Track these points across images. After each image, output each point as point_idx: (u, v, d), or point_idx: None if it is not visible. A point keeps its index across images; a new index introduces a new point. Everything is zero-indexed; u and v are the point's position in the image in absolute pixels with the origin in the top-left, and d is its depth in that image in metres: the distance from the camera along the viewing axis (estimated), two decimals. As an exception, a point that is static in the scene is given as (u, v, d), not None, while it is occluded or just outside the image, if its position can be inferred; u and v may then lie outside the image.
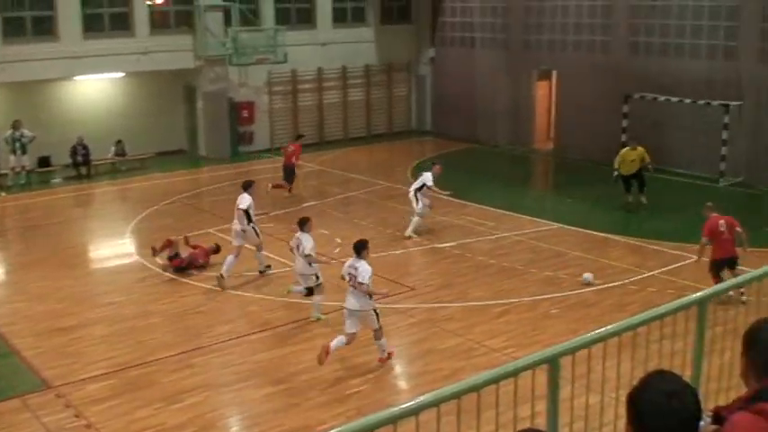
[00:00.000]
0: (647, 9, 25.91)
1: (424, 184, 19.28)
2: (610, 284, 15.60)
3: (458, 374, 11.61)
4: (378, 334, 12.34)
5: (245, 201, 16.43)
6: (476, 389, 3.74)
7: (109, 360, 12.68)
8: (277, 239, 18.88)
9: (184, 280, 16.35)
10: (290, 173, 23.39)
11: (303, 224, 14.34)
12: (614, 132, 25.87)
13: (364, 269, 12.12)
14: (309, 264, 14.06)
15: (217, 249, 17.51)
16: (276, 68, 29.58)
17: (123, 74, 27.54)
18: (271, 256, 17.32)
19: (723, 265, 14.40)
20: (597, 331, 4.62)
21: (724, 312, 6.24)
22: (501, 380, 3.92)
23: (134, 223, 20.73)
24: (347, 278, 12.29)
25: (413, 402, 3.39)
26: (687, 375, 5.29)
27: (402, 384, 12.39)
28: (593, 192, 23.18)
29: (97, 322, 14.29)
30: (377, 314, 12.32)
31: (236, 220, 16.45)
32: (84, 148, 26.09)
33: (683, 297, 5.03)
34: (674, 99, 24.59)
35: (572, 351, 4.38)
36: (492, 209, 21.35)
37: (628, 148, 21.38)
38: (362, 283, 12.04)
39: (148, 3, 27.45)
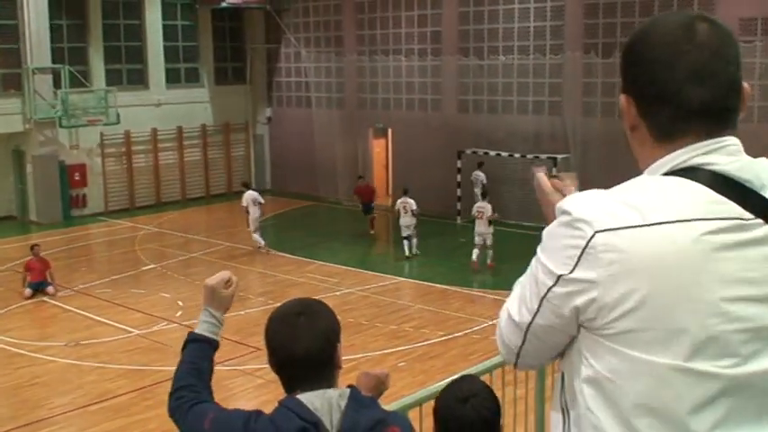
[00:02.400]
0: (476, 68, 26.96)
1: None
2: (453, 335, 15.93)
3: (307, 434, 11.50)
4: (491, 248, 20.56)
5: (257, 196, 23.29)
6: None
7: (-64, 442, 11.93)
8: (115, 305, 18.35)
9: (18, 351, 15.60)
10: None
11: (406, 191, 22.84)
12: (450, 187, 26.64)
13: (489, 207, 20.57)
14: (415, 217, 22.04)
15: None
16: (109, 130, 28.94)
17: (-54, 139, 26.36)
18: (111, 323, 16.86)
19: None
20: (443, 382, 4.72)
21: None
22: (352, 436, 3.94)
23: (-39, 295, 19.68)
24: (477, 214, 20.75)
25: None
26: (530, 419, 5.49)
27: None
28: (431, 245, 23.67)
29: None
30: (492, 235, 20.55)
31: (253, 209, 22.93)
32: None
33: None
34: (505, 153, 25.57)
35: (419, 403, 4.46)
36: (335, 265, 21.46)
37: None
38: (490, 215, 20.37)
39: (-26, 67, 26.49)
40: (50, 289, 19.07)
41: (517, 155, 25.39)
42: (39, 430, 12.24)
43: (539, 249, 1.86)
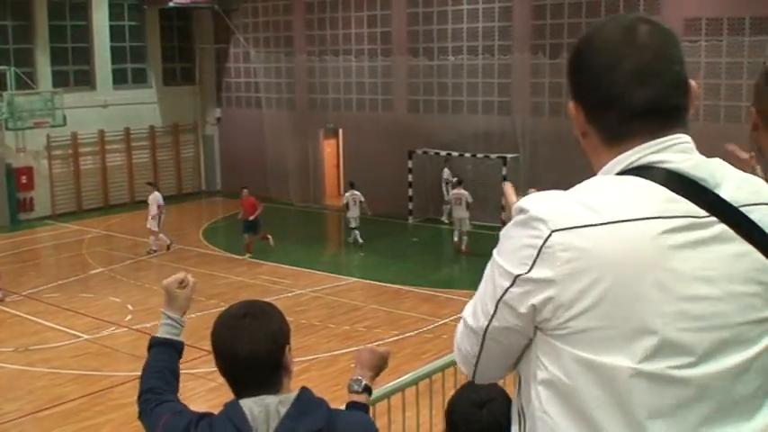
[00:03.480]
0: (425, 68, 27.08)
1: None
2: (405, 334, 15.99)
3: (260, 436, 11.47)
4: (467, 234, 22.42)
5: (159, 198, 23.47)
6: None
7: None
8: (64, 310, 18.11)
9: (-37, 359, 15.34)
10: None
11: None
12: (401, 187, 26.69)
13: (466, 194, 22.42)
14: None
15: None
16: (55, 132, 28.53)
17: None
18: (60, 328, 16.65)
19: None
20: (395, 381, 4.75)
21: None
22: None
23: None
24: (454, 200, 22.81)
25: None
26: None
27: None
28: (383, 245, 23.74)
29: None
30: (468, 219, 22.37)
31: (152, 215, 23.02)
32: None
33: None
34: (456, 153, 25.71)
35: (372, 403, 4.47)
36: (287, 266, 21.41)
37: None
38: (469, 202, 22.27)
39: None
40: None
41: (468, 154, 25.55)
42: (-13, 438, 12.07)
43: (495, 252, 1.83)
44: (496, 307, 1.81)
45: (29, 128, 27.52)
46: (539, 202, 1.76)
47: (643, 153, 1.77)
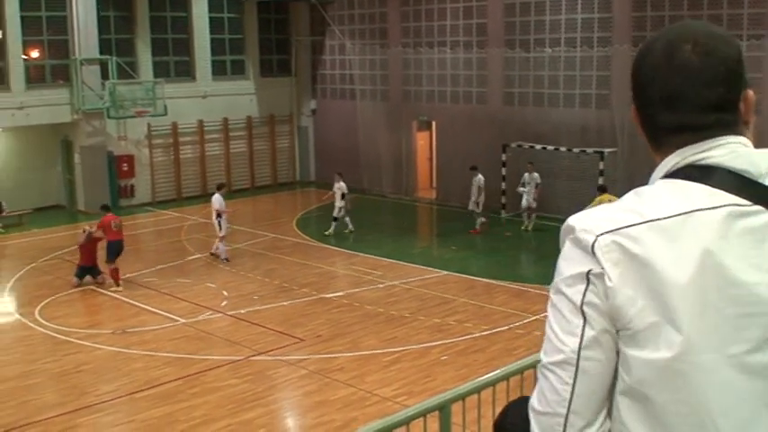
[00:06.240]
0: (522, 61, 26.80)
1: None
2: (497, 329, 15.88)
3: (351, 425, 11.56)
4: None
5: (217, 200, 21.54)
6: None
7: (-12, 425, 12.17)
8: (161, 294, 18.55)
9: (66, 338, 15.85)
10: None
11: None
12: (494, 180, 26.46)
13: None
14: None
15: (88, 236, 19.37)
16: (156, 121, 29.25)
17: (-2, 129, 26.88)
18: (157, 311, 17.09)
19: None
20: (486, 376, 4.72)
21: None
22: (393, 429, 3.97)
23: (12, 281, 20.00)
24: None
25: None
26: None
27: (293, 438, 12.26)
28: (476, 239, 23.63)
29: (-26, 387, 13.70)
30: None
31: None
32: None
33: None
34: (551, 147, 25.37)
35: (462, 397, 4.46)
36: (379, 258, 21.49)
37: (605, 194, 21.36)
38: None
39: (24, 57, 26.87)
40: (100, 278, 19.26)
41: (563, 148, 25.19)
42: (86, 416, 12.43)
43: (555, 280, 1.88)
44: (583, 314, 1.80)
45: (130, 117, 28.27)
46: (582, 218, 1.85)
47: (683, 156, 1.86)
